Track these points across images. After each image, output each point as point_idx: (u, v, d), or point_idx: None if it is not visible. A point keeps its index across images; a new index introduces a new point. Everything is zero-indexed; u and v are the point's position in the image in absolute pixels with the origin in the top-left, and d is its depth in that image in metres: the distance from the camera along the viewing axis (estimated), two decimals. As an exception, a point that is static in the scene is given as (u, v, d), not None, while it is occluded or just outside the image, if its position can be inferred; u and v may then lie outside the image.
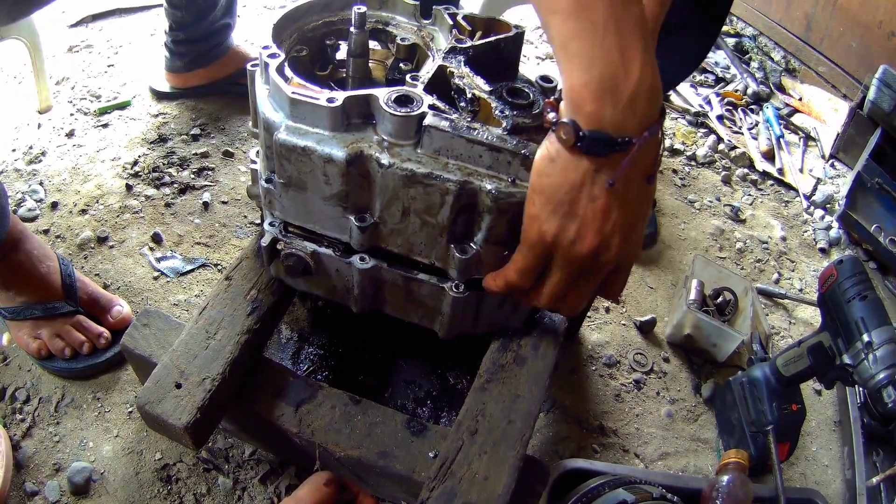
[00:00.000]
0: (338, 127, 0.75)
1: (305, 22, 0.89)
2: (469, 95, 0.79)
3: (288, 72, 0.79)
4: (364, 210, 0.80)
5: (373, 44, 0.96)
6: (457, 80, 0.81)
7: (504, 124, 0.76)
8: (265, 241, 0.87)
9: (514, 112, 0.77)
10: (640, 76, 0.61)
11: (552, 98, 0.67)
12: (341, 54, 0.94)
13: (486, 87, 0.80)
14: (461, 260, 0.78)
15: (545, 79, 0.83)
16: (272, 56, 0.80)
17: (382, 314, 0.94)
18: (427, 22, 0.94)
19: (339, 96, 0.74)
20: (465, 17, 0.90)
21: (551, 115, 0.66)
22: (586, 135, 0.63)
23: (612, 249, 0.71)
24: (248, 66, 0.87)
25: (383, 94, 0.75)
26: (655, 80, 0.62)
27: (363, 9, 0.84)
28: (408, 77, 0.80)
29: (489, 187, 0.73)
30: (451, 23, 0.89)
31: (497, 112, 0.77)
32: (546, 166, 0.68)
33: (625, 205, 0.68)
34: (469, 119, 0.75)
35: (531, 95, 0.80)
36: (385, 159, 0.73)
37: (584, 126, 0.63)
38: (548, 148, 0.67)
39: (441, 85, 0.81)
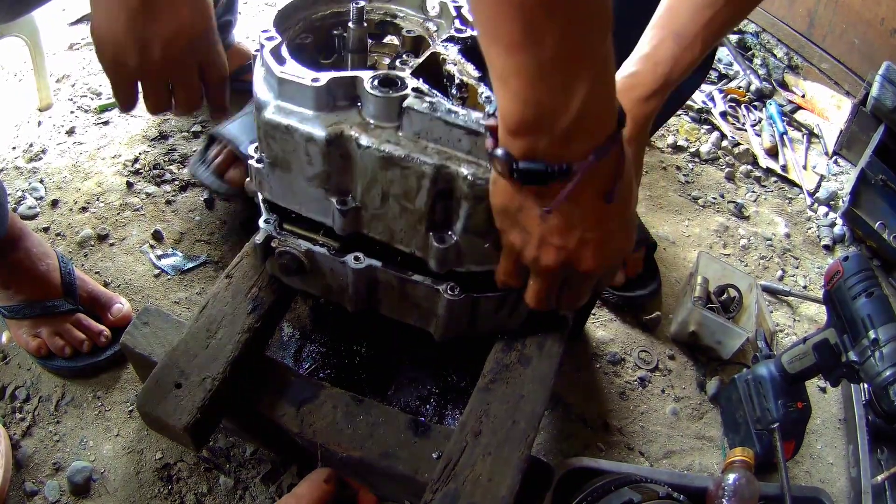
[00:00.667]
0: (322, 107, 0.74)
1: (313, 11, 0.89)
2: (458, 81, 0.78)
3: (285, 55, 0.79)
4: (346, 193, 0.79)
5: (388, 38, 0.96)
6: (448, 67, 0.80)
7: (487, 108, 0.75)
8: (259, 238, 0.86)
9: None
10: (582, 108, 0.55)
11: (492, 119, 0.62)
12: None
13: (476, 73, 0.79)
14: (439, 249, 0.77)
15: None
16: (269, 39, 0.80)
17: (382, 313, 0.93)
18: (434, 14, 0.93)
19: (324, 77, 0.74)
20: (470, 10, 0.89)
21: (488, 142, 0.62)
22: (519, 168, 0.59)
23: (586, 262, 0.69)
24: (253, 51, 0.87)
25: (368, 76, 0.74)
26: (605, 104, 0.58)
27: (363, 4, 0.83)
28: (397, 62, 0.80)
29: (465, 172, 0.72)
30: (455, 15, 0.88)
31: (482, 98, 0.76)
32: (493, 187, 0.67)
33: (583, 222, 0.66)
34: (456, 104, 0.74)
35: None
36: (364, 140, 0.73)
37: (517, 156, 0.59)
38: (492, 170, 0.66)
39: (434, 72, 0.80)
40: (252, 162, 0.83)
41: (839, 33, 2.11)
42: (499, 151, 0.60)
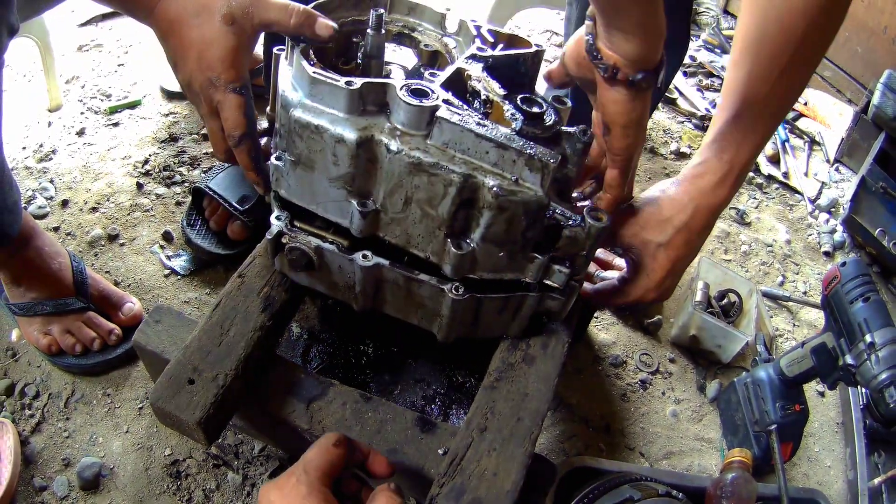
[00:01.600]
0: (353, 110, 0.76)
1: (335, 17, 0.90)
2: (483, 97, 0.80)
3: (312, 57, 0.81)
4: (367, 196, 0.81)
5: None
6: (473, 83, 0.82)
7: (514, 125, 0.77)
8: (270, 234, 0.88)
9: (525, 120, 0.78)
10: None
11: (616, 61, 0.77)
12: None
13: (501, 91, 0.81)
14: (456, 255, 0.79)
15: (558, 100, 0.85)
16: (295, 42, 0.82)
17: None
18: (452, 32, 0.96)
19: (358, 81, 0.76)
20: (490, 31, 0.92)
21: (621, 74, 0.77)
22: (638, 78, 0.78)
23: None
24: (275, 50, 0.89)
25: (400, 84, 0.76)
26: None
27: (381, 11, 0.85)
28: (426, 74, 0.82)
29: (491, 183, 0.74)
30: (474, 33, 0.90)
31: (508, 115, 0.79)
32: (622, 107, 0.80)
33: None
34: (481, 117, 0.77)
35: (543, 106, 0.81)
36: (394, 145, 0.75)
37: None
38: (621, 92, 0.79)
39: (457, 86, 0.82)
40: (272, 160, 0.85)
41: (842, 41, 2.13)
42: (639, 75, 0.76)
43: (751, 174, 1.88)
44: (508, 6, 1.78)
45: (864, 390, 1.30)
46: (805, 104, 2.19)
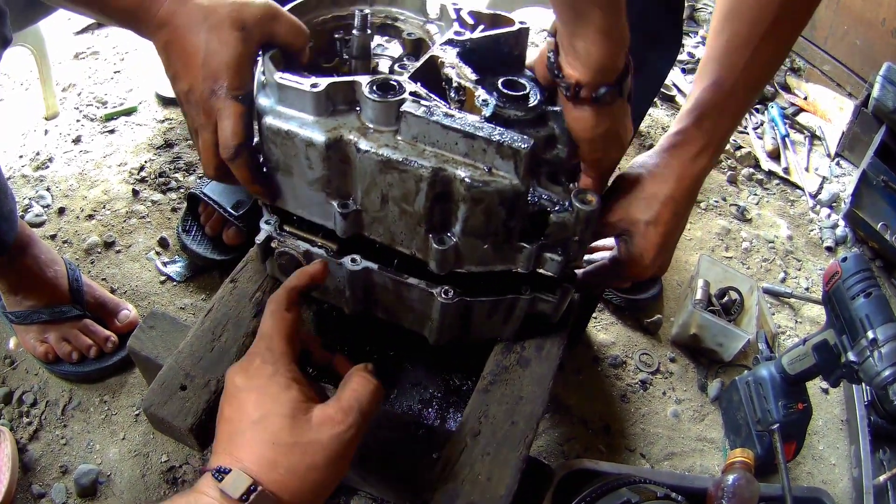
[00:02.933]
0: (321, 112, 0.75)
1: (315, 16, 0.89)
2: (456, 84, 0.79)
3: (281, 61, 0.80)
4: (347, 196, 0.80)
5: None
6: (446, 70, 0.81)
7: (484, 112, 0.75)
8: (259, 239, 0.88)
9: (505, 103, 0.76)
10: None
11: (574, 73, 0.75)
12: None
13: (473, 77, 0.80)
14: (438, 251, 0.78)
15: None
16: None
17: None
18: (434, 17, 0.94)
19: (323, 82, 0.74)
20: (470, 12, 0.89)
21: (583, 92, 0.76)
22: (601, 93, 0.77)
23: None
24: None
25: (366, 81, 0.75)
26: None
27: (367, 11, 0.84)
28: (396, 66, 0.80)
29: (463, 175, 0.72)
30: (454, 17, 0.89)
31: (479, 101, 0.77)
32: (583, 123, 0.79)
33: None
34: (454, 108, 0.75)
35: (526, 88, 0.80)
36: (362, 144, 0.74)
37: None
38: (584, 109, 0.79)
39: (432, 75, 0.81)
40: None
41: (841, 35, 2.12)
42: (602, 89, 0.74)
43: (751, 170, 1.87)
44: (504, 4, 1.77)
45: (868, 387, 1.29)
46: (805, 99, 2.17)
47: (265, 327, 0.71)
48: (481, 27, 0.88)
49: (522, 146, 0.71)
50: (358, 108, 0.76)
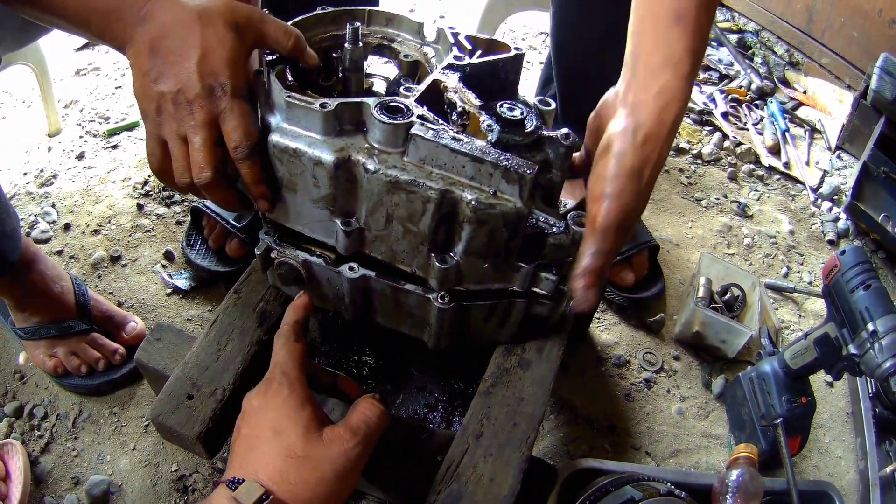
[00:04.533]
0: (329, 132, 0.76)
1: (314, 33, 0.91)
2: (459, 109, 0.80)
3: (288, 76, 0.81)
4: (350, 215, 0.81)
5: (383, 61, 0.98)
6: (449, 94, 0.82)
7: (489, 137, 0.77)
8: (259, 249, 0.89)
9: (502, 128, 0.78)
10: None
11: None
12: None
13: (476, 102, 0.81)
14: (440, 269, 0.80)
15: (544, 102, 0.85)
16: (273, 62, 0.82)
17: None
18: (431, 40, 0.96)
19: (332, 102, 0.76)
20: (467, 37, 0.91)
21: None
22: None
23: None
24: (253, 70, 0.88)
25: (374, 103, 0.76)
26: None
27: (357, 25, 0.85)
28: (401, 89, 0.82)
29: (469, 198, 0.74)
30: (452, 41, 0.90)
31: (484, 126, 0.79)
32: None
33: None
34: (457, 131, 0.77)
35: (522, 113, 0.81)
36: (371, 165, 0.75)
37: None
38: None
39: (435, 99, 0.82)
40: None
41: (838, 27, 2.12)
42: None
43: (751, 166, 1.87)
44: (500, 10, 1.78)
45: (872, 379, 1.29)
46: (805, 93, 2.17)
47: (279, 357, 0.77)
48: (479, 52, 0.90)
49: (528, 172, 0.74)
50: (365, 129, 0.78)
